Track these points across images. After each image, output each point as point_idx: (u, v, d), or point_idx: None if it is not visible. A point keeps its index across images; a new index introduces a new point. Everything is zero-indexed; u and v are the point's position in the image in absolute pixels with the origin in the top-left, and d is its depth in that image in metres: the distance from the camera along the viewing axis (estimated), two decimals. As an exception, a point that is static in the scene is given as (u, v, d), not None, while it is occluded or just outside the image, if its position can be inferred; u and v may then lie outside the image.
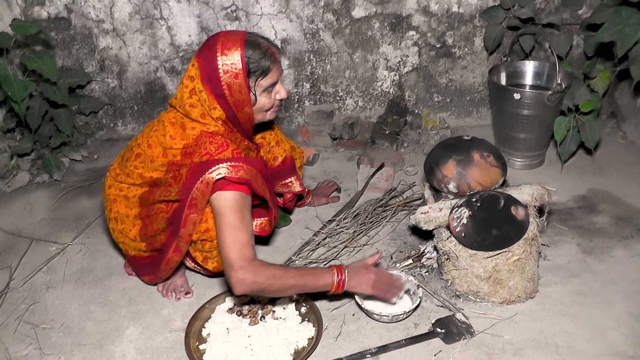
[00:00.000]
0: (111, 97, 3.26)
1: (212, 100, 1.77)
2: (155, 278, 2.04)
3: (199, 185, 1.74)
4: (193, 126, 1.80)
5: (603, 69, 2.69)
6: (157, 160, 1.85)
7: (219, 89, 1.75)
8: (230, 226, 1.70)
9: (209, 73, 1.74)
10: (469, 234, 1.87)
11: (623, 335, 1.81)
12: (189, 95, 1.78)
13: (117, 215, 1.95)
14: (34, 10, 3.03)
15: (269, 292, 1.72)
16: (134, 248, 1.98)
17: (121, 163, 1.98)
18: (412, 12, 3.02)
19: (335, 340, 1.85)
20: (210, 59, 1.74)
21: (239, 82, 1.74)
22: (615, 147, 2.94)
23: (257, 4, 3.00)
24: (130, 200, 1.92)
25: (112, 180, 1.99)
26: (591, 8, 2.94)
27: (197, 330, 1.89)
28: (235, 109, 1.79)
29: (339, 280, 1.78)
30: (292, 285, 1.73)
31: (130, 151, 1.94)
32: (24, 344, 1.92)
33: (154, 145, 1.86)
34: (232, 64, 1.73)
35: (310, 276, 1.77)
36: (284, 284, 1.71)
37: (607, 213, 2.43)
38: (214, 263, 1.97)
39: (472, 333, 1.83)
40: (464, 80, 3.20)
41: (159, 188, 1.86)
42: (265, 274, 1.67)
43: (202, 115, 1.79)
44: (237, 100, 1.77)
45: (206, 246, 1.92)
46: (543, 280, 2.04)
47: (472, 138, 2.07)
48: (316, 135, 3.14)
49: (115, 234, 2.00)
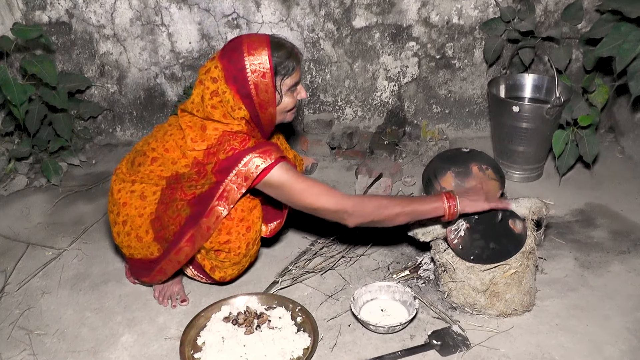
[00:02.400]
0: (110, 102, 3.26)
1: (238, 101, 1.80)
2: (159, 273, 1.98)
3: (233, 178, 1.78)
4: (215, 127, 1.83)
5: (602, 84, 2.70)
6: (179, 162, 1.87)
7: (245, 88, 1.79)
8: (306, 190, 1.79)
9: (235, 73, 1.78)
10: (467, 247, 1.87)
11: (620, 350, 1.80)
12: (210, 97, 1.81)
13: (127, 218, 1.93)
14: (35, 14, 3.03)
15: (380, 222, 1.82)
16: (142, 250, 1.95)
17: (132, 168, 1.97)
18: (412, 23, 3.03)
19: (330, 351, 1.85)
20: (236, 59, 1.78)
21: (266, 81, 1.79)
22: (613, 162, 2.95)
23: (258, 12, 3.01)
24: (148, 199, 1.92)
25: (121, 184, 1.97)
26: (590, 22, 2.96)
27: (192, 339, 1.88)
28: (260, 109, 1.83)
29: (449, 206, 1.81)
30: (400, 212, 1.80)
31: (144, 156, 1.94)
32: (17, 349, 1.90)
33: (171, 150, 1.89)
34: (260, 64, 1.77)
35: (417, 202, 1.83)
36: (392, 212, 1.80)
37: (605, 227, 2.43)
38: (221, 273, 1.98)
39: (468, 345, 1.83)
40: (463, 92, 3.21)
41: (181, 183, 1.87)
42: (372, 204, 1.79)
43: (224, 115, 1.82)
44: (262, 100, 1.81)
45: (220, 256, 1.93)
46: (540, 293, 2.04)
47: (470, 150, 2.07)
48: (315, 144, 3.14)
49: (121, 238, 1.98)
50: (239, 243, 1.93)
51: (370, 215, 1.80)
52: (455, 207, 1.81)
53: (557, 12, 3.00)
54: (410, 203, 1.83)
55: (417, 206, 1.82)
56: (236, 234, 1.91)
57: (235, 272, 2.02)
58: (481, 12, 3.00)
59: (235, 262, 1.97)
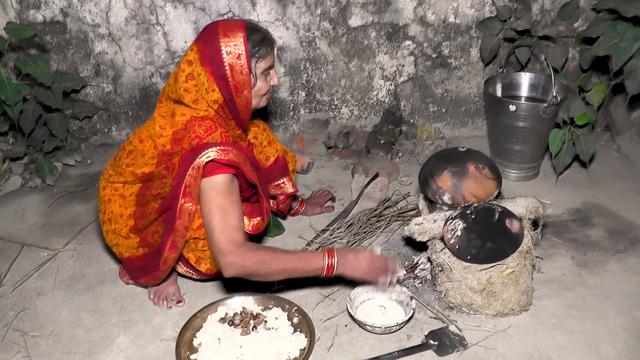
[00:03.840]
0: (106, 102, 3.24)
1: (212, 82, 1.80)
2: (152, 279, 2.01)
3: (191, 172, 1.76)
4: (183, 112, 1.83)
5: (598, 82, 2.70)
6: (147, 154, 1.87)
7: (221, 70, 1.79)
8: (220, 209, 1.74)
9: (211, 54, 1.78)
10: (463, 246, 1.86)
11: (617, 350, 1.80)
12: (185, 80, 1.81)
13: (111, 216, 1.95)
14: (29, 13, 3.01)
15: (258, 277, 1.77)
16: (128, 247, 1.96)
17: (114, 164, 1.99)
18: (408, 21, 3.02)
19: (327, 351, 1.84)
20: (212, 41, 1.79)
21: (242, 62, 1.79)
22: (609, 160, 2.95)
23: (253, 11, 2.99)
24: (127, 199, 1.93)
25: (105, 182, 1.99)
26: (587, 21, 2.96)
27: (188, 340, 1.87)
28: (235, 92, 1.82)
29: (329, 265, 1.82)
30: (280, 270, 1.78)
31: (122, 150, 1.97)
32: (12, 351, 1.89)
33: (145, 140, 1.89)
34: (235, 45, 1.78)
35: (300, 261, 1.82)
36: (272, 269, 1.76)
37: (602, 226, 2.43)
38: (207, 264, 1.97)
39: (465, 345, 1.82)
40: (459, 91, 3.21)
41: (154, 182, 1.87)
42: (253, 259, 1.73)
43: (195, 101, 1.82)
44: (237, 82, 1.81)
45: (199, 245, 1.93)
46: (537, 293, 2.04)
47: (467, 150, 2.07)
48: (311, 143, 3.13)
49: (109, 236, 1.99)
50: None
51: (251, 270, 1.75)
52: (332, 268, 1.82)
53: (554, 11, 3.00)
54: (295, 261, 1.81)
55: (300, 265, 1.81)
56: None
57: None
58: (477, 10, 3.00)
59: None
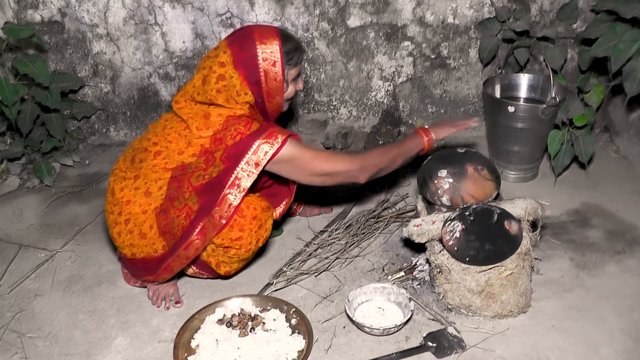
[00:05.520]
0: (104, 102, 3.23)
1: (245, 86, 1.86)
2: (165, 271, 1.95)
3: (245, 166, 1.83)
4: (219, 112, 1.88)
5: (597, 84, 2.69)
6: (186, 152, 1.91)
7: (255, 75, 1.85)
8: (315, 158, 1.91)
9: (245, 60, 1.84)
10: (462, 248, 1.86)
11: (615, 351, 1.80)
12: (216, 81, 1.85)
13: (130, 217, 1.92)
14: (27, 13, 3.00)
15: (387, 168, 2.05)
16: (146, 247, 1.93)
17: (132, 166, 1.96)
18: (407, 22, 3.02)
19: (325, 353, 1.84)
20: (248, 46, 1.85)
21: (276, 69, 1.86)
22: (608, 162, 2.95)
23: (252, 11, 2.99)
24: (153, 195, 1.92)
25: (122, 182, 1.95)
26: (586, 22, 2.96)
27: (186, 341, 1.87)
28: (267, 97, 1.91)
29: (428, 139, 2.12)
30: (396, 155, 2.06)
31: (145, 152, 1.95)
32: (9, 353, 1.89)
33: (174, 141, 1.92)
34: (272, 52, 1.85)
35: (405, 144, 2.10)
36: (391, 154, 2.05)
37: (600, 227, 2.42)
38: (227, 267, 2.02)
39: (463, 347, 1.82)
40: (458, 92, 3.20)
41: (190, 171, 1.90)
42: (373, 154, 2.05)
43: (227, 100, 1.87)
44: (270, 88, 1.89)
45: (230, 253, 1.95)
46: (536, 294, 2.04)
47: (466, 151, 2.07)
48: (309, 144, 3.12)
49: (122, 238, 1.95)
50: (251, 239, 1.94)
51: (377, 165, 2.00)
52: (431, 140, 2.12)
53: (553, 11, 3.00)
54: (399, 145, 2.10)
55: (405, 146, 2.09)
56: (249, 231, 1.93)
57: (241, 266, 2.09)
58: (476, 11, 2.99)
59: (243, 259, 2.02)
